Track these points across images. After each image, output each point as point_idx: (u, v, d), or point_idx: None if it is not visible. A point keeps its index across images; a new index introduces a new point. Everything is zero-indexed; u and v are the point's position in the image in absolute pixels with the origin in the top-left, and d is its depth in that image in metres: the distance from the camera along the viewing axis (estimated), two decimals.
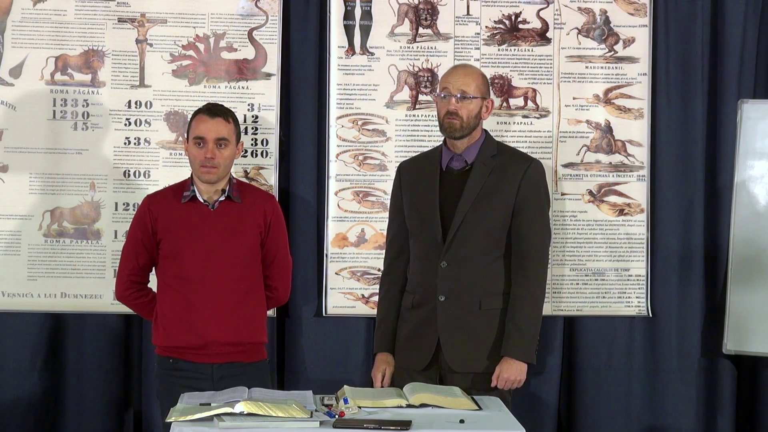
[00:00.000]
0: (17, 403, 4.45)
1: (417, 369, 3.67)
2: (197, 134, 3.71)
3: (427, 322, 3.67)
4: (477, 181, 3.67)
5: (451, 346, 3.63)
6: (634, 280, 4.57)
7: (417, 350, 3.69)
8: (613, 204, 4.57)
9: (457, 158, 3.72)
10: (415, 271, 3.75)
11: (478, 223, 3.64)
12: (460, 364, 3.61)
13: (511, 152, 3.82)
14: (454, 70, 3.82)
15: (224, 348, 3.72)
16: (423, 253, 3.72)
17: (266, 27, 4.50)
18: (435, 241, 3.66)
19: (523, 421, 3.10)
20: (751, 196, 4.47)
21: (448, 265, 3.64)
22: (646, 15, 4.58)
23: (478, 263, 3.65)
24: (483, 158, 3.70)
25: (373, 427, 2.98)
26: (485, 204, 3.64)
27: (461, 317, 3.64)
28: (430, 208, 3.69)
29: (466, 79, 3.70)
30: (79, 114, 4.45)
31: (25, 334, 4.45)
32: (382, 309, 3.84)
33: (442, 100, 3.70)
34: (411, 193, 3.77)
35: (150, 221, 3.77)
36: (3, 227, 4.41)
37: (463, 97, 3.67)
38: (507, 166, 3.70)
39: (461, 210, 3.64)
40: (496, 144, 3.79)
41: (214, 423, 2.97)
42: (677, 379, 4.61)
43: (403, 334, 3.75)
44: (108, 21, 4.46)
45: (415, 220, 3.74)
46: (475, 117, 3.69)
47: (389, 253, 3.87)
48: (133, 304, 3.90)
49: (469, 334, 3.63)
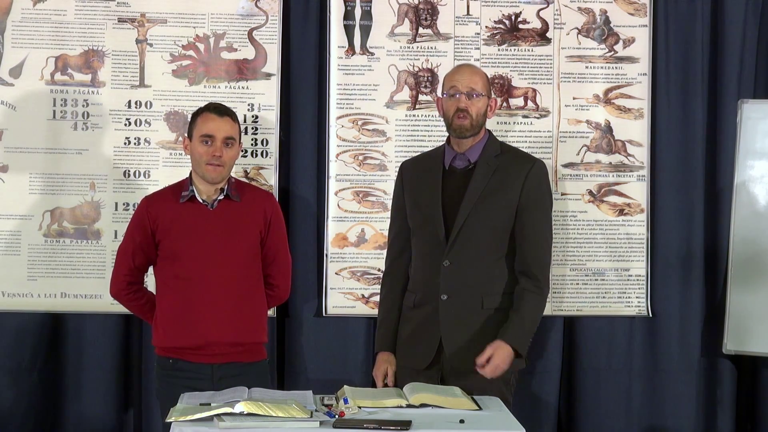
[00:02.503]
0: (17, 403, 4.46)
1: (419, 368, 3.66)
2: (205, 132, 3.71)
3: (429, 321, 3.67)
4: (480, 180, 3.66)
5: (453, 345, 3.63)
6: (634, 280, 4.57)
7: (419, 349, 3.69)
8: (613, 204, 4.57)
9: (460, 157, 3.71)
10: (417, 270, 3.75)
11: (481, 223, 3.63)
12: (461, 364, 3.61)
13: (514, 152, 3.82)
14: (460, 69, 3.80)
15: (224, 348, 3.72)
16: (425, 251, 3.71)
17: (266, 27, 4.50)
18: (437, 239, 3.65)
19: (523, 421, 3.10)
20: (751, 196, 4.47)
21: (450, 264, 3.64)
22: (646, 15, 4.58)
23: (481, 262, 3.64)
24: (486, 157, 3.69)
25: (373, 427, 2.98)
26: (488, 203, 3.64)
27: (463, 316, 3.63)
28: (433, 206, 3.68)
29: (474, 78, 3.69)
30: (79, 114, 4.45)
31: (25, 334, 4.45)
32: (384, 308, 3.84)
33: (450, 99, 3.68)
34: (413, 192, 3.76)
35: (149, 222, 3.77)
36: (3, 227, 4.41)
37: (472, 94, 3.66)
38: (510, 165, 3.69)
39: (464, 209, 3.63)
40: (499, 144, 3.78)
41: (214, 423, 2.97)
42: (677, 379, 4.62)
43: (405, 334, 3.75)
44: (108, 21, 4.46)
45: (417, 218, 3.74)
46: (483, 115, 3.69)
47: (390, 252, 3.87)
48: (128, 305, 3.90)
49: (470, 334, 3.62)
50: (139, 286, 3.88)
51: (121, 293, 3.86)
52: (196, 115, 3.77)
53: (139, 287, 3.87)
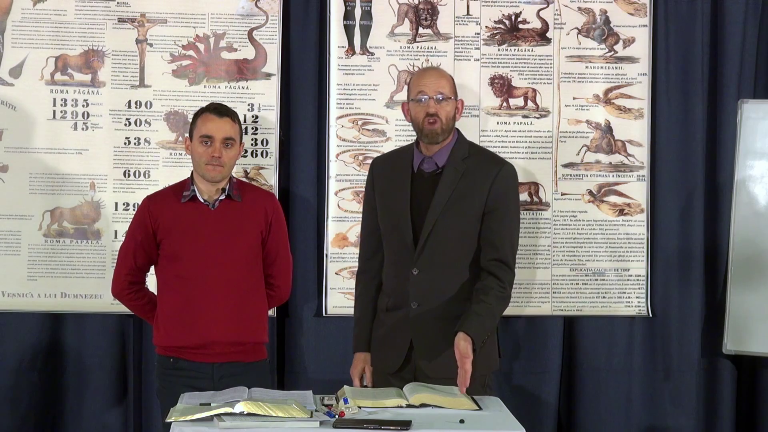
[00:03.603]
0: (17, 403, 4.46)
1: (389, 372, 3.64)
2: (205, 133, 3.71)
3: (400, 326, 3.64)
4: (448, 185, 3.61)
5: (424, 351, 3.59)
6: (634, 280, 4.57)
7: (389, 353, 3.66)
8: (613, 204, 4.57)
9: (428, 161, 3.66)
10: (389, 276, 3.71)
11: (449, 229, 3.58)
12: (432, 370, 3.56)
13: (482, 155, 3.74)
14: (426, 72, 3.76)
15: (225, 348, 3.72)
16: (395, 258, 3.67)
17: (266, 27, 4.50)
18: (406, 246, 3.61)
19: (523, 421, 3.10)
20: (751, 196, 4.47)
21: (419, 272, 3.60)
22: (646, 15, 4.58)
23: (450, 270, 3.60)
24: (454, 161, 3.63)
25: (373, 427, 2.98)
26: (456, 209, 3.59)
27: (433, 323, 3.58)
28: (401, 212, 3.63)
29: (441, 81, 3.64)
30: (79, 114, 4.45)
31: (25, 334, 4.45)
32: (358, 308, 3.82)
33: (419, 104, 3.62)
34: (383, 195, 3.72)
35: (150, 222, 3.77)
36: (3, 227, 4.41)
37: (441, 98, 3.61)
38: (478, 169, 3.63)
39: (431, 216, 3.59)
40: (468, 145, 3.72)
41: (214, 423, 2.97)
42: (677, 379, 4.62)
43: (378, 336, 3.73)
44: (108, 21, 4.46)
45: (387, 223, 3.70)
46: (452, 118, 3.65)
47: (364, 251, 3.82)
48: (130, 305, 3.91)
49: (441, 340, 3.55)
50: (141, 285, 3.88)
51: (122, 293, 3.87)
52: (197, 116, 3.78)
53: (140, 287, 3.88)
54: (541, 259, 4.55)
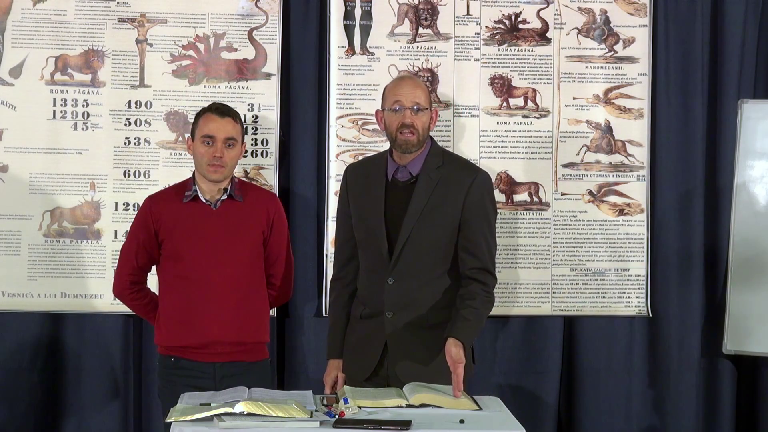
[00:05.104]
0: (17, 403, 4.46)
1: (359, 379, 3.60)
2: (206, 133, 3.71)
3: (374, 335, 3.61)
4: (422, 195, 3.58)
5: (398, 360, 3.57)
6: (633, 280, 4.57)
7: (361, 361, 3.64)
8: (613, 204, 4.57)
9: (402, 170, 3.63)
10: (364, 284, 3.69)
11: (424, 239, 3.56)
12: (406, 377, 3.51)
13: (456, 163, 3.71)
14: (401, 82, 3.71)
15: (226, 347, 3.72)
16: (370, 267, 3.65)
17: (266, 27, 4.50)
18: (381, 256, 3.59)
19: (523, 421, 3.10)
20: (751, 196, 4.48)
21: (394, 282, 3.58)
22: (646, 15, 4.58)
23: (425, 279, 3.58)
24: (428, 170, 3.60)
25: (373, 427, 2.98)
26: (431, 219, 3.56)
27: (408, 332, 3.57)
28: (375, 222, 3.60)
29: (417, 91, 3.61)
30: (79, 114, 4.45)
31: (25, 334, 4.45)
32: (332, 315, 3.80)
33: (395, 114, 3.59)
34: (357, 203, 3.69)
35: (152, 222, 3.77)
36: (3, 227, 4.41)
37: (417, 109, 3.58)
38: (452, 178, 3.60)
39: (407, 226, 3.56)
40: (441, 153, 3.68)
41: (214, 423, 2.97)
42: (677, 379, 4.62)
43: (350, 343, 3.71)
44: (108, 21, 4.46)
45: (361, 233, 3.67)
46: (427, 129, 3.62)
47: (339, 258, 3.79)
48: (131, 304, 3.91)
49: (416, 350, 3.55)
50: (142, 285, 3.88)
51: (124, 293, 3.87)
52: (199, 116, 3.78)
53: (142, 287, 3.88)
54: (541, 259, 4.55)
